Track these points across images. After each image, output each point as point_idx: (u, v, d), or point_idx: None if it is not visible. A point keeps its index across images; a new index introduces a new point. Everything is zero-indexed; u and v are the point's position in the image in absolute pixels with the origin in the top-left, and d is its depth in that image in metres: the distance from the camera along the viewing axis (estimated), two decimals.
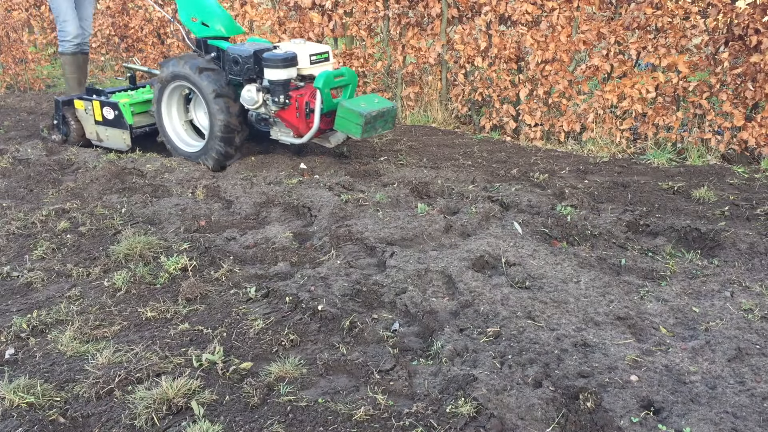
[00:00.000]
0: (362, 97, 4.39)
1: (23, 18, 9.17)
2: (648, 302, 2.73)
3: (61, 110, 5.30)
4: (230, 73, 4.51)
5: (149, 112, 5.04)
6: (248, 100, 4.41)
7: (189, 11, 4.71)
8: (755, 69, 4.33)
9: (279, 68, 4.26)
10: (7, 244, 3.53)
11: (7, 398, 2.21)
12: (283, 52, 4.28)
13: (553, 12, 5.02)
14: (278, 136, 4.61)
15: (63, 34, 5.89)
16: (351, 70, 4.51)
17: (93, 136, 5.27)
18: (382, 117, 4.30)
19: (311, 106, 4.30)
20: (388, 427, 2.03)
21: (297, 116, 4.36)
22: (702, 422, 1.95)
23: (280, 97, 4.32)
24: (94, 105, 5.09)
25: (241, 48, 4.46)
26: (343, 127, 4.27)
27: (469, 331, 2.51)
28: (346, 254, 3.22)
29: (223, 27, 4.68)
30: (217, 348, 2.44)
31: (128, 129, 5.00)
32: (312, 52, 4.41)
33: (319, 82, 4.25)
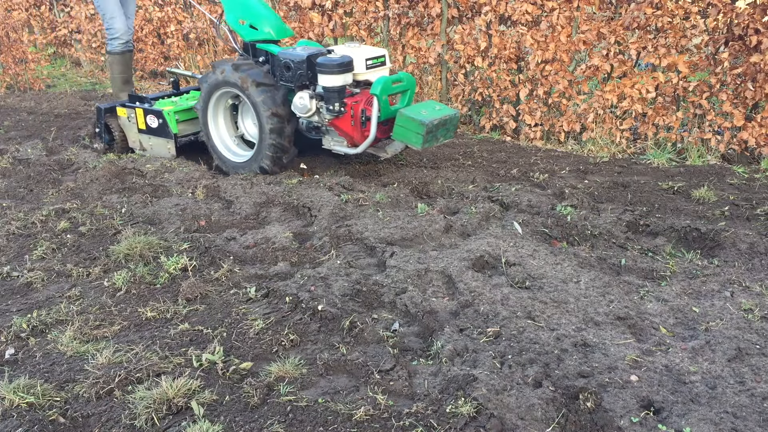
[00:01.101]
0: (422, 104, 4.10)
1: (23, 18, 9.17)
2: (648, 302, 2.73)
3: (103, 118, 5.07)
4: (281, 79, 4.25)
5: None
6: (300, 107, 4.14)
7: (237, 13, 4.49)
8: (755, 69, 4.33)
9: (334, 74, 3.98)
10: (7, 244, 3.53)
11: (7, 398, 2.21)
12: (338, 57, 4.03)
13: (553, 12, 5.02)
14: (330, 145, 4.32)
15: (112, 32, 5.69)
16: (410, 75, 4.21)
17: (136, 145, 5.07)
18: (443, 125, 3.98)
19: (367, 114, 4.01)
20: (388, 427, 2.03)
21: (352, 125, 4.08)
22: (702, 422, 1.95)
23: (334, 104, 4.03)
24: (137, 113, 4.88)
25: (293, 53, 4.18)
26: (403, 137, 3.96)
27: (469, 331, 2.51)
28: (346, 254, 3.22)
29: (272, 30, 4.45)
30: (217, 348, 2.44)
31: (173, 138, 4.77)
32: (368, 57, 4.12)
33: (376, 89, 3.94)
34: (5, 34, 7.79)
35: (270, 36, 4.44)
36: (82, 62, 9.39)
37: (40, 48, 9.62)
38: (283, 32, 4.50)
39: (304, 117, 4.20)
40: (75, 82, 8.67)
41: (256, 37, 4.44)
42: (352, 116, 4.06)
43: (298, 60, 4.10)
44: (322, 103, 4.10)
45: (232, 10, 4.51)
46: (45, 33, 9.65)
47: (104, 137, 5.14)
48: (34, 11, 9.58)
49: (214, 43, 7.63)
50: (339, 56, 4.03)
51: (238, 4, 4.49)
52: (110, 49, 5.77)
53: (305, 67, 4.09)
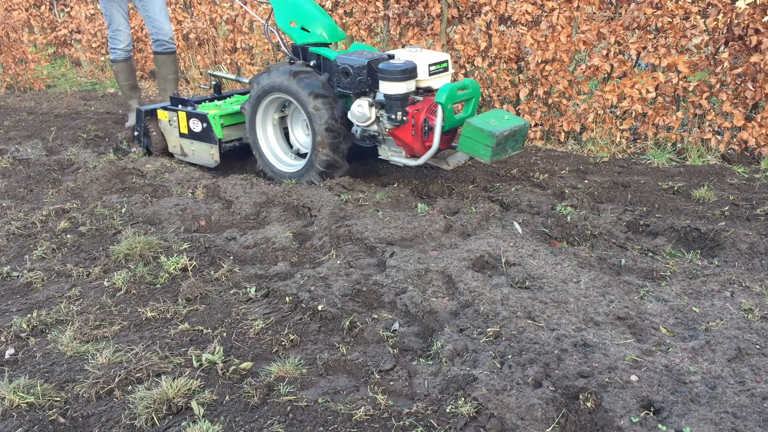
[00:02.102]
0: (490, 113, 3.83)
1: (23, 18, 9.17)
2: (648, 302, 2.73)
3: (144, 121, 4.86)
4: (338, 85, 3.99)
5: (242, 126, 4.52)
6: (359, 116, 3.87)
7: (287, 15, 4.28)
8: (755, 69, 4.33)
9: (397, 81, 3.70)
10: (7, 244, 3.53)
11: (7, 398, 2.21)
12: (402, 63, 3.73)
13: (553, 12, 5.02)
14: (387, 155, 4.07)
15: (114, 42, 5.56)
16: (475, 82, 3.93)
17: (176, 150, 4.85)
18: (513, 136, 3.68)
19: (430, 123, 3.75)
20: (388, 427, 2.03)
21: (413, 134, 3.82)
22: (702, 422, 1.95)
23: (396, 113, 3.76)
24: (179, 116, 4.64)
25: (353, 58, 3.91)
26: (470, 149, 3.66)
27: (469, 331, 2.51)
28: (346, 254, 3.22)
29: (325, 32, 4.23)
30: (217, 348, 2.44)
31: (217, 144, 4.51)
32: (431, 62, 3.84)
33: (441, 96, 3.67)
34: (5, 34, 7.79)
35: (323, 39, 4.23)
36: (82, 62, 9.39)
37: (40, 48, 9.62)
38: (336, 35, 4.30)
39: (363, 126, 3.95)
40: (75, 82, 8.67)
41: (308, 39, 4.24)
42: (413, 126, 3.81)
43: (359, 66, 3.84)
44: (382, 111, 3.84)
45: (282, 11, 4.31)
46: (45, 33, 9.66)
47: (143, 141, 4.95)
48: (34, 11, 9.58)
49: (214, 43, 7.64)
50: (402, 62, 3.75)
51: (289, 5, 4.29)
52: (114, 58, 5.65)
53: (366, 74, 3.84)
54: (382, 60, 3.83)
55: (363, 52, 4.03)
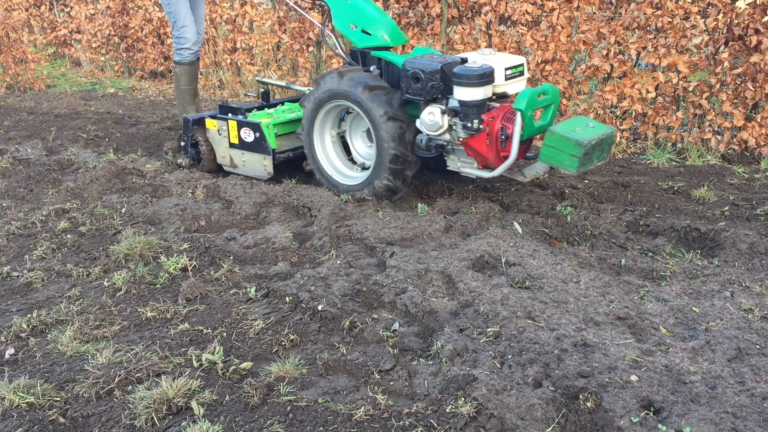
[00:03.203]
0: (573, 120, 3.51)
1: (23, 18, 9.18)
2: (648, 302, 2.73)
3: (191, 130, 4.57)
4: (407, 91, 3.65)
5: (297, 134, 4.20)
6: (430, 125, 3.56)
7: (347, 17, 4.04)
8: (755, 69, 4.33)
9: (474, 86, 3.40)
10: (7, 244, 3.53)
11: (7, 398, 2.21)
12: (479, 67, 3.44)
13: (553, 12, 5.02)
14: (457, 166, 3.75)
15: (181, 41, 5.15)
16: (554, 87, 3.65)
17: (226, 161, 4.55)
18: (600, 146, 3.38)
19: (507, 132, 3.46)
20: (388, 427, 2.03)
21: (487, 144, 3.52)
22: (702, 422, 1.95)
23: (473, 121, 3.46)
24: (229, 125, 4.36)
25: (423, 62, 3.60)
26: (553, 159, 3.37)
27: (469, 331, 2.51)
28: (346, 254, 3.22)
29: (388, 35, 3.98)
30: (217, 348, 2.44)
31: (271, 154, 4.22)
32: (507, 66, 3.55)
33: (521, 103, 3.37)
34: (5, 34, 7.80)
35: (385, 42, 3.98)
36: (82, 62, 9.39)
37: (40, 48, 9.63)
38: (398, 38, 4.05)
39: (434, 135, 3.62)
40: (75, 82, 8.67)
41: (369, 43, 3.98)
42: (488, 134, 3.50)
43: (431, 70, 3.53)
44: (456, 119, 3.54)
45: (341, 13, 4.08)
46: (45, 33, 9.66)
47: (190, 152, 4.66)
48: (34, 11, 9.58)
49: (214, 43, 7.64)
50: (480, 66, 3.46)
51: (349, 7, 4.06)
52: (179, 59, 5.25)
53: (439, 79, 3.52)
54: (456, 64, 3.55)
55: (432, 56, 3.75)
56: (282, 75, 6.95)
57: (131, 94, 7.86)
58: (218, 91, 7.76)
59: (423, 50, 4.00)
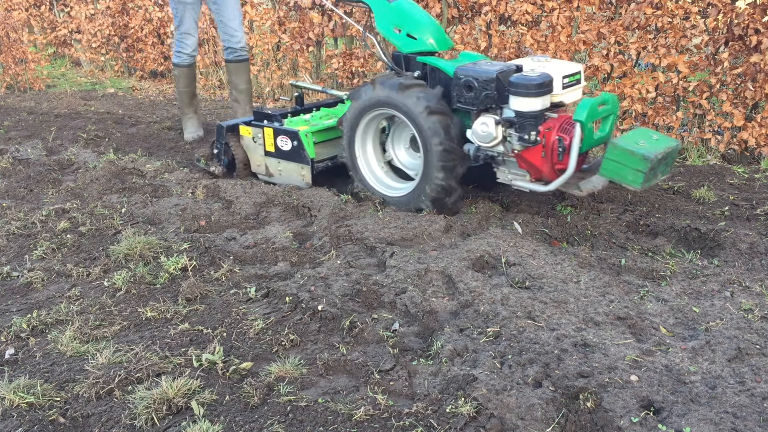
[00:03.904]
0: (636, 132, 3.36)
1: (23, 18, 9.17)
2: (648, 302, 2.73)
3: (225, 138, 4.38)
4: (458, 100, 3.48)
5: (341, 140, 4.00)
6: (483, 136, 3.37)
7: (390, 20, 3.84)
8: (755, 69, 4.33)
9: (532, 96, 3.22)
10: (7, 244, 3.53)
11: (7, 398, 2.21)
12: (537, 75, 3.26)
13: (553, 12, 5.02)
14: (508, 179, 3.56)
15: (180, 45, 5.13)
16: (614, 96, 3.47)
17: (260, 170, 4.35)
18: (665, 160, 3.22)
19: (565, 144, 3.28)
20: (388, 427, 2.03)
21: (543, 156, 3.34)
22: (702, 422, 1.95)
23: (530, 133, 3.27)
24: (265, 133, 4.18)
25: (477, 69, 3.41)
26: (615, 174, 3.21)
27: (469, 331, 2.51)
28: (346, 254, 3.22)
29: (434, 40, 3.77)
30: (217, 348, 2.44)
31: (309, 164, 4.03)
32: (565, 74, 3.36)
33: (581, 113, 3.22)
34: (5, 34, 7.80)
35: (432, 47, 3.77)
36: (82, 62, 9.39)
37: (40, 48, 9.63)
38: (445, 43, 3.84)
39: (488, 147, 3.44)
40: (75, 82, 8.67)
41: (415, 48, 3.79)
42: (544, 146, 3.32)
43: (486, 78, 3.34)
44: (511, 130, 3.35)
45: (385, 16, 3.87)
46: (45, 33, 9.66)
47: (223, 159, 4.46)
48: (34, 11, 9.58)
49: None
50: (538, 74, 3.28)
51: (393, 9, 3.84)
52: (177, 62, 5.21)
53: (493, 88, 3.34)
54: (511, 72, 3.37)
55: (485, 63, 3.56)
56: (282, 75, 6.96)
57: (131, 94, 7.86)
58: (218, 91, 7.76)
59: (470, 55, 3.84)
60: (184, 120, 5.51)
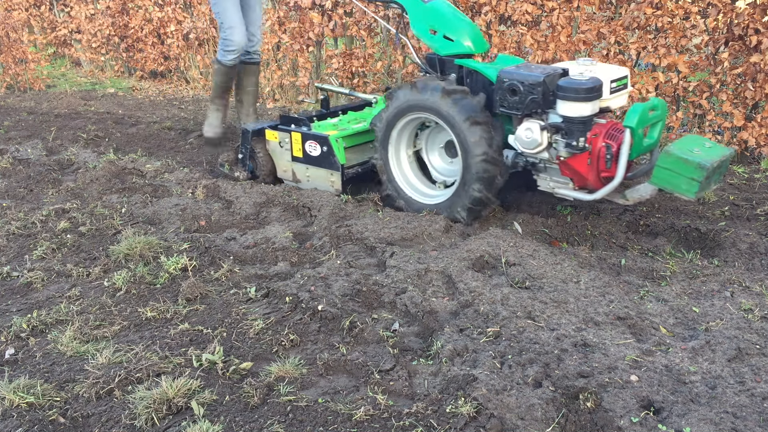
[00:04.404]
0: (687, 139, 3.19)
1: (23, 18, 9.17)
2: (648, 302, 2.73)
3: (250, 142, 4.25)
4: (502, 104, 3.32)
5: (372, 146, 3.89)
6: (528, 142, 3.24)
7: (426, 21, 3.73)
8: (755, 69, 4.33)
9: (581, 100, 3.10)
10: (7, 244, 3.53)
11: (7, 398, 2.21)
12: (587, 79, 3.14)
13: (553, 12, 5.02)
14: (550, 186, 3.44)
15: (227, 43, 4.85)
16: (663, 102, 3.35)
17: (287, 176, 4.23)
18: (719, 168, 3.08)
19: (613, 151, 3.16)
20: (388, 427, 2.03)
21: (588, 163, 3.23)
22: (702, 422, 1.95)
23: (579, 139, 3.14)
24: (293, 137, 4.05)
25: (522, 73, 3.26)
26: (667, 182, 3.06)
27: (469, 331, 2.51)
28: (346, 254, 3.22)
29: (472, 42, 3.65)
30: (217, 348, 2.44)
31: (339, 170, 3.89)
32: (613, 78, 3.24)
33: (631, 119, 3.11)
34: (5, 34, 7.80)
35: (468, 50, 3.66)
36: (82, 62, 9.39)
37: (40, 48, 9.63)
38: (482, 45, 3.74)
39: (530, 153, 3.30)
40: (75, 82, 8.67)
41: (451, 50, 3.67)
42: (590, 153, 3.22)
43: (532, 82, 3.19)
44: (557, 136, 3.22)
45: (420, 17, 3.76)
46: (45, 33, 9.66)
47: (248, 165, 4.34)
48: (34, 11, 9.58)
49: (214, 43, 7.63)
50: (588, 78, 3.16)
51: (428, 10, 3.74)
52: (220, 59, 4.94)
53: (540, 92, 3.19)
54: (557, 75, 3.24)
55: (529, 66, 3.43)
56: (282, 75, 6.96)
57: (131, 94, 7.87)
58: None
59: (507, 58, 3.75)
60: (209, 112, 5.24)
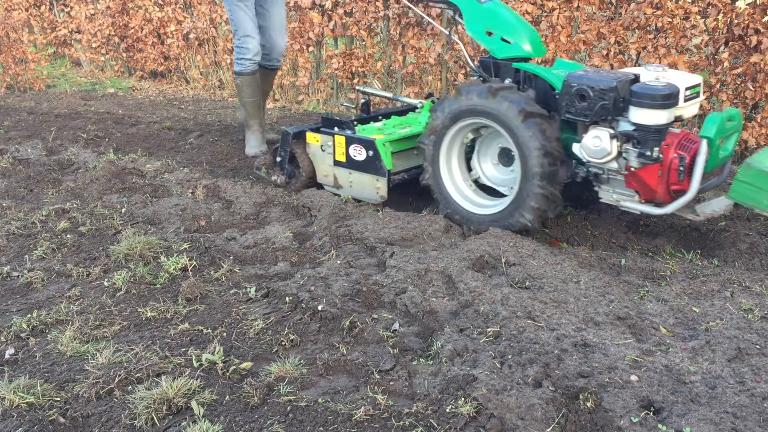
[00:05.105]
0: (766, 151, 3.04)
1: (23, 18, 9.18)
2: (648, 302, 2.73)
3: (290, 145, 4.08)
4: (568, 110, 3.16)
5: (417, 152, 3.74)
6: (595, 151, 3.06)
7: (483, 22, 3.57)
8: (755, 69, 4.33)
9: (658, 107, 2.92)
10: (7, 244, 3.53)
11: (7, 398, 2.21)
12: (664, 86, 2.96)
13: (553, 12, 5.02)
14: (613, 198, 3.24)
15: (242, 51, 4.74)
16: (739, 113, 3.19)
17: (328, 180, 4.03)
18: None
19: (686, 162, 2.99)
20: (388, 427, 2.03)
21: (659, 175, 3.05)
22: (702, 422, 1.95)
23: (653, 148, 2.97)
24: (336, 141, 3.88)
25: (592, 77, 3.10)
26: (747, 198, 2.90)
27: (469, 331, 2.51)
28: (346, 254, 3.22)
29: (531, 46, 3.52)
30: (217, 348, 2.44)
31: (386, 176, 3.70)
32: (687, 85, 3.05)
33: (709, 129, 2.95)
34: (5, 34, 7.80)
35: (526, 53, 3.52)
36: (82, 62, 9.39)
37: (40, 48, 9.63)
38: (540, 49, 3.61)
39: (597, 162, 3.12)
40: (75, 82, 8.67)
41: (509, 53, 3.52)
42: (661, 164, 3.04)
43: (603, 87, 3.02)
44: (628, 145, 3.04)
45: (476, 18, 3.59)
46: (45, 33, 9.66)
47: (287, 168, 4.17)
48: (34, 11, 9.58)
49: (214, 43, 7.64)
50: (664, 84, 2.98)
51: (486, 12, 3.58)
52: (239, 70, 4.80)
53: (612, 98, 3.02)
54: (630, 81, 3.07)
55: (597, 70, 3.26)
56: (282, 75, 6.95)
57: (131, 94, 7.87)
58: (218, 91, 7.76)
59: (566, 63, 3.55)
60: (248, 133, 5.06)
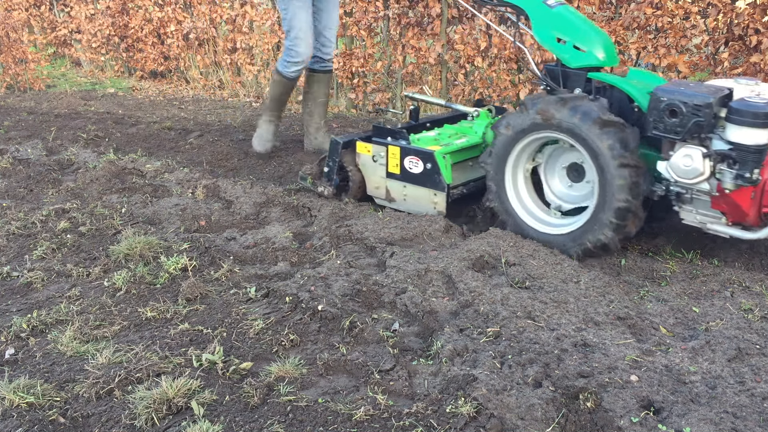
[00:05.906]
0: None
1: (23, 18, 9.18)
2: (648, 302, 2.73)
3: (339, 154, 3.85)
4: (656, 126, 2.94)
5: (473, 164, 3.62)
6: (686, 171, 2.89)
7: (554, 28, 3.36)
8: (755, 69, 4.33)
9: (760, 126, 2.73)
10: (7, 244, 3.53)
11: (7, 398, 2.21)
12: (766, 103, 2.77)
13: None
14: (696, 220, 3.05)
15: (291, 53, 4.49)
16: None
17: (379, 193, 3.81)
18: None
19: None
20: (388, 427, 2.03)
21: (752, 197, 2.86)
22: (702, 422, 1.95)
23: (753, 170, 2.77)
24: (389, 151, 3.66)
25: (684, 91, 2.88)
26: None
27: (469, 331, 2.51)
28: (346, 254, 3.22)
29: (605, 54, 3.30)
30: (217, 348, 2.44)
31: (445, 190, 3.51)
32: None
33: None
34: (5, 34, 7.80)
35: (599, 62, 3.31)
36: (82, 62, 9.40)
37: (40, 48, 9.63)
38: (614, 58, 3.39)
39: (688, 183, 2.93)
40: (75, 82, 8.67)
41: (583, 62, 3.31)
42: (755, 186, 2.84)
43: (699, 103, 2.81)
44: (722, 165, 2.84)
45: (546, 24, 3.39)
46: (45, 33, 9.66)
47: (335, 179, 3.91)
48: (34, 11, 9.59)
49: (214, 43, 7.64)
50: (766, 102, 2.79)
51: (557, 17, 3.37)
52: (281, 70, 4.59)
53: (708, 114, 2.82)
54: (724, 96, 2.88)
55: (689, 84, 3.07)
56: None
57: (131, 94, 7.87)
58: (218, 91, 7.76)
59: (640, 73, 3.39)
60: (261, 123, 4.95)
